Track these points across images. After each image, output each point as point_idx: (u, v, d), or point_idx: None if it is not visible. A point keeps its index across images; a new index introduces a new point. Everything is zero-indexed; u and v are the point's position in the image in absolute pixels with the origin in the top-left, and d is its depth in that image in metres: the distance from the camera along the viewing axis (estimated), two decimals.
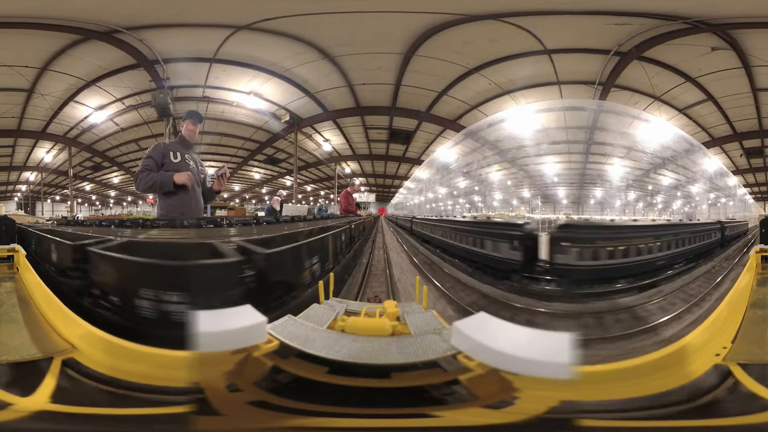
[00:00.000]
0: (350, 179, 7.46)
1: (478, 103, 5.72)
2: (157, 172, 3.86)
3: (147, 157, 3.89)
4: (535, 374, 1.27)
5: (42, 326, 2.03)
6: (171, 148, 3.99)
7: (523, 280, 3.56)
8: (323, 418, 1.35)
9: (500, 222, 5.42)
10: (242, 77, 5.67)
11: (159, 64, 5.12)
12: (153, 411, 1.45)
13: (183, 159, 3.99)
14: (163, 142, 4.26)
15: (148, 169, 3.84)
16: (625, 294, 3.44)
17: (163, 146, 4.01)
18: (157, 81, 5.27)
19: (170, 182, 3.80)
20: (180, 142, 4.11)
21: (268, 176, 8.21)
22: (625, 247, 3.58)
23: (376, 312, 2.03)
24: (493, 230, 4.16)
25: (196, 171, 4.09)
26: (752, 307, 2.18)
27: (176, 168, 3.89)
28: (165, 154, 3.91)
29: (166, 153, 3.92)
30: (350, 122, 6.48)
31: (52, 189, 7.61)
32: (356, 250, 4.72)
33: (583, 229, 3.86)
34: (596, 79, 4.90)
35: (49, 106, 5.76)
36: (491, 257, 3.99)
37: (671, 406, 1.52)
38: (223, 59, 5.27)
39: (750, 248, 2.81)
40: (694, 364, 1.73)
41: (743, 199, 5.90)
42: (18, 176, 7.01)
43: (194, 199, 3.99)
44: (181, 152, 4.01)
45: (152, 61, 5.09)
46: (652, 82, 4.92)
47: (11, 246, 2.85)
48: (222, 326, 1.41)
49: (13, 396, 1.45)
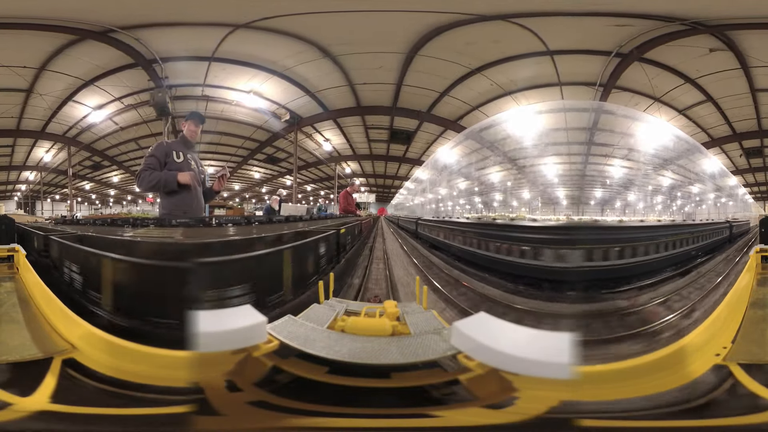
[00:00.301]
0: (350, 179, 7.44)
1: (480, 104, 5.70)
2: (160, 171, 3.86)
3: (150, 156, 3.89)
4: (535, 374, 1.28)
5: (42, 326, 2.03)
6: (173, 147, 4.00)
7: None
8: (323, 418, 1.35)
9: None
10: (242, 76, 5.64)
11: (157, 63, 5.11)
12: (153, 411, 1.45)
13: (185, 159, 4.00)
14: (166, 141, 4.26)
15: (151, 168, 3.84)
16: (678, 277, 4.16)
17: (166, 145, 4.01)
18: (156, 80, 5.26)
19: (174, 181, 3.81)
20: (182, 142, 4.12)
21: (269, 176, 8.19)
22: (667, 243, 4.31)
23: (376, 312, 2.03)
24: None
25: (197, 171, 4.11)
26: (752, 307, 2.18)
27: (179, 168, 3.90)
28: (168, 153, 3.92)
29: (169, 152, 3.93)
30: (351, 122, 6.45)
31: (52, 188, 7.61)
32: (347, 262, 3.93)
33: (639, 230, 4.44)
34: (597, 80, 4.91)
35: (48, 106, 5.75)
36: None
37: (671, 406, 1.52)
38: (222, 58, 5.24)
39: (750, 248, 2.81)
40: (694, 364, 1.73)
41: (743, 199, 5.96)
42: (18, 176, 7.00)
43: (196, 199, 4.01)
44: (183, 152, 4.02)
45: (150, 60, 5.08)
46: (652, 83, 4.94)
47: (11, 246, 2.85)
48: (222, 326, 1.41)
49: (13, 396, 1.45)
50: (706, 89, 5.03)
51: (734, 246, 5.39)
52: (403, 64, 5.19)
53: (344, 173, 7.55)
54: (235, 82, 5.74)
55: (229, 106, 6.05)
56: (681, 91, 5.05)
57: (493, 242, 4.10)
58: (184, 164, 3.96)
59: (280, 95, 6.00)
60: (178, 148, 4.02)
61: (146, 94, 5.53)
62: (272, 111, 6.18)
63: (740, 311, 2.15)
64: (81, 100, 5.76)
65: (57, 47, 4.93)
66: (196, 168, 4.11)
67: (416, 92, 5.68)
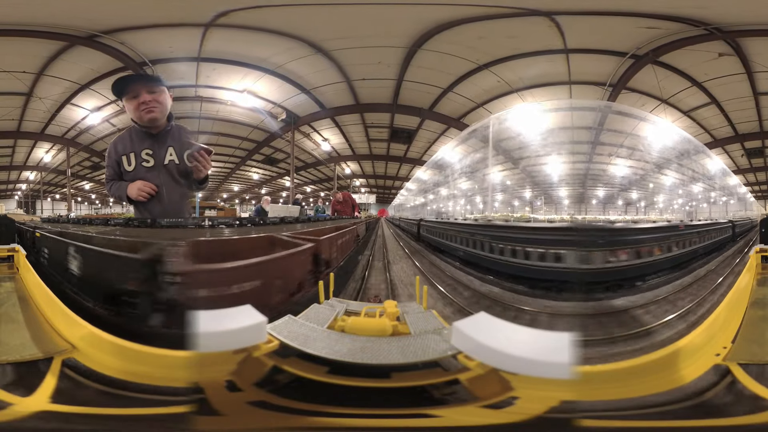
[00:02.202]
0: (335, 190, 7.33)
1: (484, 101, 5.59)
2: (118, 180, 3.32)
3: (107, 166, 3.37)
4: (535, 374, 1.27)
5: (42, 326, 2.03)
6: (124, 150, 3.29)
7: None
8: (323, 418, 1.35)
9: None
10: (233, 75, 5.55)
11: (147, 66, 5.10)
12: (153, 411, 1.45)
13: (138, 162, 3.25)
14: (115, 142, 3.44)
15: (110, 180, 3.38)
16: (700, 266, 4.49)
17: (115, 152, 3.33)
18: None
19: (125, 196, 3.26)
20: (136, 136, 3.29)
21: (267, 177, 8.18)
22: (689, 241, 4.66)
23: (376, 312, 2.03)
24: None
25: (175, 164, 3.28)
26: (752, 307, 2.18)
27: (132, 177, 3.25)
28: (119, 162, 3.28)
29: (119, 159, 3.28)
30: (349, 120, 6.38)
31: (52, 188, 7.64)
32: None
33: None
34: (608, 80, 4.90)
35: (47, 109, 5.79)
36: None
37: (671, 406, 1.52)
38: (211, 58, 5.17)
39: (750, 247, 2.82)
40: (695, 364, 1.73)
41: (744, 198, 6.05)
42: (18, 175, 7.05)
43: (165, 202, 3.31)
44: (137, 152, 3.25)
45: (140, 62, 5.07)
46: (660, 85, 4.94)
47: (11, 246, 2.86)
48: (222, 326, 1.41)
49: (13, 396, 1.45)
50: (711, 92, 5.07)
51: (736, 246, 5.54)
52: (405, 59, 5.04)
53: (344, 174, 7.52)
54: (227, 82, 5.65)
55: (224, 106, 5.99)
56: (687, 94, 5.07)
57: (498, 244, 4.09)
58: (137, 170, 3.25)
59: (275, 93, 5.89)
60: (130, 148, 3.28)
61: None
62: (268, 110, 6.12)
63: (740, 311, 2.14)
64: (78, 102, 5.80)
65: (53, 53, 4.95)
66: (174, 158, 3.28)
67: (418, 88, 5.55)
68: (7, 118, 5.75)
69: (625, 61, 4.71)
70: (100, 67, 5.26)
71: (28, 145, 6.53)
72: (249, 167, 7.68)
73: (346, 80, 5.46)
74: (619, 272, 3.62)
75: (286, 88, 5.74)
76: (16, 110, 5.69)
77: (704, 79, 4.94)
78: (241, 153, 7.16)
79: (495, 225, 5.22)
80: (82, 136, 6.44)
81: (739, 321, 2.06)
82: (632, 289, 3.64)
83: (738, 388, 1.58)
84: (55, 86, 5.45)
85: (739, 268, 2.93)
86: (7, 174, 6.93)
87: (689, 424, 1.45)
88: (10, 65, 5.02)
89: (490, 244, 4.23)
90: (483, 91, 5.51)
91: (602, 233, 4.08)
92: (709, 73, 4.85)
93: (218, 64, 5.34)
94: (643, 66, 4.73)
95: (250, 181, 8.22)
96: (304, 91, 5.77)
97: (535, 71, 5.13)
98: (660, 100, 5.11)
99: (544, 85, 5.26)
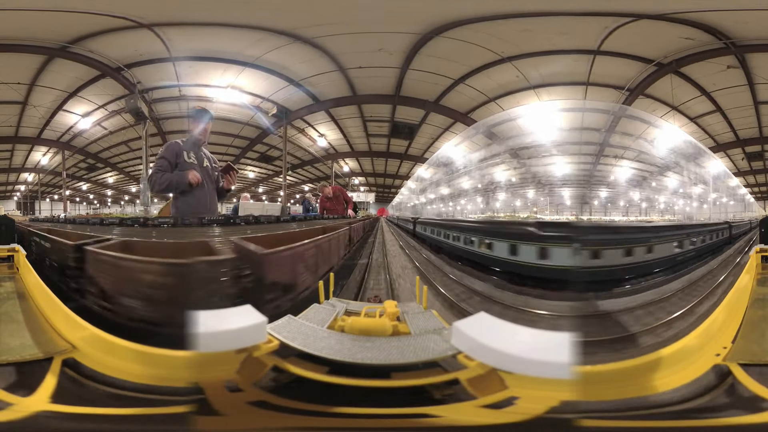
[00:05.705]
0: (322, 183, 7.02)
1: (497, 96, 5.34)
2: (171, 172, 3.85)
3: (160, 158, 3.88)
4: (535, 374, 1.27)
5: (42, 326, 2.02)
6: (184, 147, 3.97)
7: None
8: (323, 418, 1.35)
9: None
10: (212, 71, 5.39)
11: (123, 71, 5.11)
12: (153, 411, 1.45)
13: (196, 158, 3.99)
14: (176, 141, 4.21)
15: (161, 170, 3.83)
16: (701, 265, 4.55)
17: (176, 146, 3.98)
18: (127, 86, 5.25)
19: (184, 182, 3.79)
20: (192, 142, 4.07)
21: (264, 175, 8.06)
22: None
23: (376, 312, 2.02)
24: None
25: (210, 169, 4.08)
26: (752, 307, 2.18)
27: (190, 167, 3.89)
28: (178, 154, 3.90)
29: (180, 153, 3.91)
30: (346, 113, 6.08)
31: (50, 189, 7.69)
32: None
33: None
34: (626, 84, 4.92)
35: (42, 116, 5.99)
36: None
37: (671, 406, 1.52)
38: (183, 57, 5.05)
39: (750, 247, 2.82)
40: (695, 364, 1.73)
41: (744, 199, 6.17)
42: (17, 177, 7.13)
43: (209, 198, 4.01)
44: (195, 151, 4.00)
45: (115, 68, 5.08)
46: (673, 93, 5.04)
47: (11, 246, 2.85)
48: (222, 326, 1.41)
49: (13, 396, 1.45)
50: (717, 101, 5.28)
51: (735, 246, 5.62)
52: (413, 47, 4.74)
53: (342, 171, 7.36)
54: (208, 79, 5.49)
55: (210, 104, 5.84)
56: (695, 102, 5.25)
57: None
58: (195, 164, 3.95)
59: (261, 87, 5.65)
60: (188, 147, 4.00)
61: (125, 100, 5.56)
62: (256, 105, 5.91)
63: (740, 311, 2.15)
64: (70, 109, 5.93)
65: (40, 64, 5.14)
66: (209, 166, 4.08)
67: (425, 78, 5.26)
68: (5, 125, 5.89)
69: (648, 68, 4.78)
70: (82, 76, 5.38)
71: (25, 149, 6.63)
72: (244, 165, 7.53)
73: (339, 69, 5.15)
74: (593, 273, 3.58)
75: (272, 80, 5.50)
76: (13, 117, 5.86)
77: (712, 89, 5.14)
78: (235, 151, 7.00)
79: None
80: (77, 140, 6.52)
81: (739, 321, 2.06)
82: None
83: (738, 388, 1.59)
84: (46, 95, 5.64)
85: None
86: (6, 176, 7.00)
87: (689, 424, 1.45)
88: (5, 77, 5.27)
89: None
90: (498, 85, 5.26)
91: (579, 231, 4.03)
92: (716, 84, 5.05)
93: (194, 62, 5.22)
94: (665, 74, 4.85)
95: (246, 179, 8.10)
96: (292, 83, 5.49)
97: (556, 68, 4.97)
98: (671, 106, 5.22)
99: (561, 84, 5.15)
